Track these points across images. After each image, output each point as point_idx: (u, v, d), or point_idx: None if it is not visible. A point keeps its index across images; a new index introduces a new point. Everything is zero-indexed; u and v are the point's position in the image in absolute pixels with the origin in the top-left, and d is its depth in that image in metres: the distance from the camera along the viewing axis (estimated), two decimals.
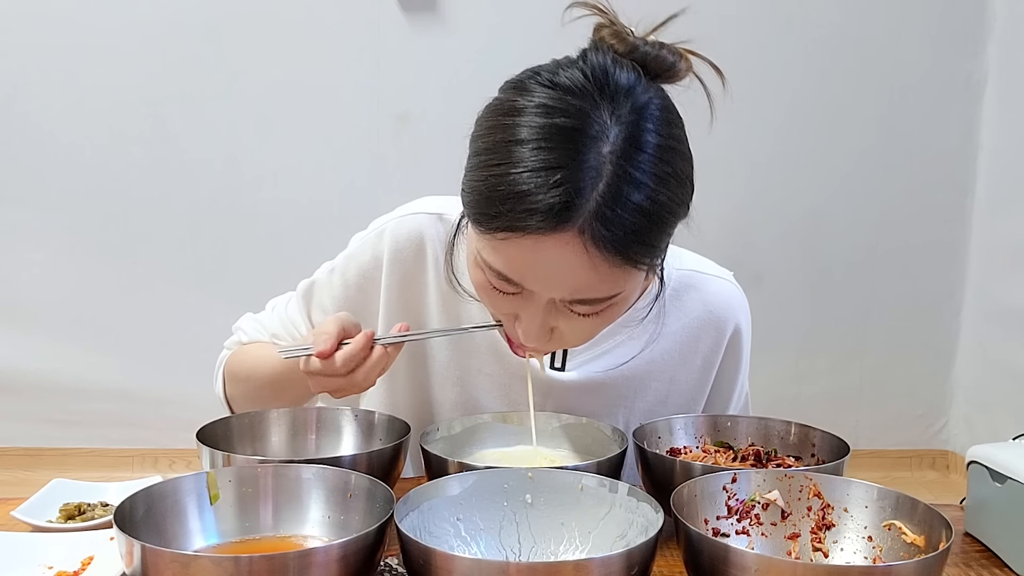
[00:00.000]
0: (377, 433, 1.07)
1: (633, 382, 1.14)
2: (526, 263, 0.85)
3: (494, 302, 0.93)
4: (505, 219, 0.82)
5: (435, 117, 2.80)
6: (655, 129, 0.85)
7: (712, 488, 0.86)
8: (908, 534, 0.80)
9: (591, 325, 0.92)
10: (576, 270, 0.83)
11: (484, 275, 0.90)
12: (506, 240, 0.83)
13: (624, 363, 1.13)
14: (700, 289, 1.15)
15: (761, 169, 3.14)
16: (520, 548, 0.84)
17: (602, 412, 1.13)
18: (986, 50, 3.11)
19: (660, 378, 1.15)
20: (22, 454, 3.07)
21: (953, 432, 3.33)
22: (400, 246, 1.11)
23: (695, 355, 1.16)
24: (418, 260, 1.12)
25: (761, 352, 1.27)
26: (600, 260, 0.82)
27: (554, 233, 0.81)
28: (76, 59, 2.94)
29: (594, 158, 0.80)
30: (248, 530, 0.84)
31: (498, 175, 0.82)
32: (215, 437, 1.00)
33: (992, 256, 3.14)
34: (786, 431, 1.07)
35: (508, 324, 0.94)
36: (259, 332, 1.23)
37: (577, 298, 0.87)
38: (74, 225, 3.03)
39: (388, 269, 1.12)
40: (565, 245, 0.82)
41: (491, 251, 0.86)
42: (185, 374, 3.00)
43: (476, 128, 0.88)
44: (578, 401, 1.13)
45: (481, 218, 0.85)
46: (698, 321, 1.15)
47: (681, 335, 1.14)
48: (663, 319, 1.12)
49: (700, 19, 0.99)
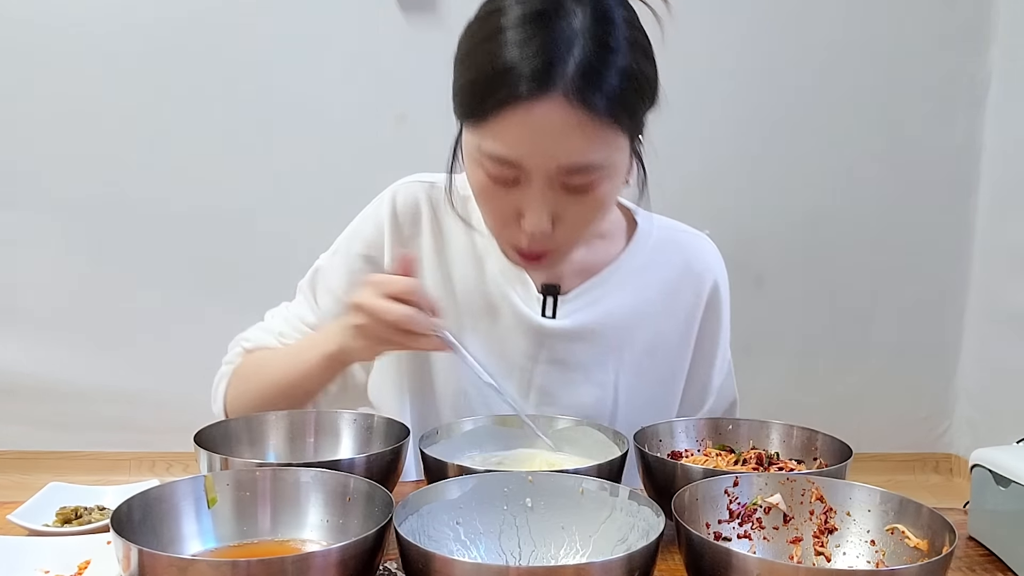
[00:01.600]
0: (376, 436, 1.06)
1: (620, 331, 1.19)
2: (521, 135, 0.94)
3: (496, 204, 1.01)
4: (496, 95, 0.93)
5: (434, 117, 2.75)
6: (619, 6, 0.98)
7: (714, 492, 0.86)
8: (911, 538, 0.80)
9: (586, 211, 1.01)
10: (566, 132, 0.93)
11: (484, 173, 0.99)
12: (500, 118, 0.94)
13: (611, 312, 1.19)
14: (679, 244, 1.24)
15: (763, 170, 3.14)
16: (520, 552, 0.84)
17: (592, 363, 1.19)
18: (989, 51, 3.11)
19: (646, 328, 1.20)
20: (18, 457, 3.06)
21: (956, 435, 3.32)
22: (399, 210, 1.19)
23: (677, 307, 1.22)
24: (415, 223, 1.20)
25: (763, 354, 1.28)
26: (586, 119, 0.93)
27: (542, 98, 0.92)
28: (74, 61, 2.94)
29: (568, 29, 0.93)
30: (246, 534, 0.84)
31: (485, 61, 0.94)
32: (213, 440, 1.00)
33: (996, 258, 3.14)
34: (788, 434, 1.07)
35: (512, 231, 1.02)
36: (264, 336, 1.23)
37: (570, 163, 0.95)
38: (71, 228, 3.03)
39: (390, 234, 1.19)
40: (553, 109, 0.92)
41: (489, 138, 0.96)
42: (182, 377, 2.98)
43: (461, 38, 1.01)
44: (569, 351, 1.18)
45: (475, 105, 0.96)
46: (678, 273, 1.22)
47: (663, 287, 1.21)
48: (651, 243, 1.21)
49: (701, 19, 0.99)
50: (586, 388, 1.19)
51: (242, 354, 1.24)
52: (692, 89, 2.96)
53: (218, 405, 1.24)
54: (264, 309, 1.32)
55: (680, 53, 1.35)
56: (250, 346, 1.23)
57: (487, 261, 1.18)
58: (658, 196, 1.40)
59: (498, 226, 1.05)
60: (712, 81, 2.99)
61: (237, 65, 2.97)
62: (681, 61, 1.41)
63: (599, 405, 1.20)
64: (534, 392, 1.19)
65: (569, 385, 1.19)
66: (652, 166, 1.10)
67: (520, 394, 1.18)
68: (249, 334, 1.25)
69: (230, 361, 1.25)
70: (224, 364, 1.26)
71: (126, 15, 2.93)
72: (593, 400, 1.20)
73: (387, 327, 1.00)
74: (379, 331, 1.01)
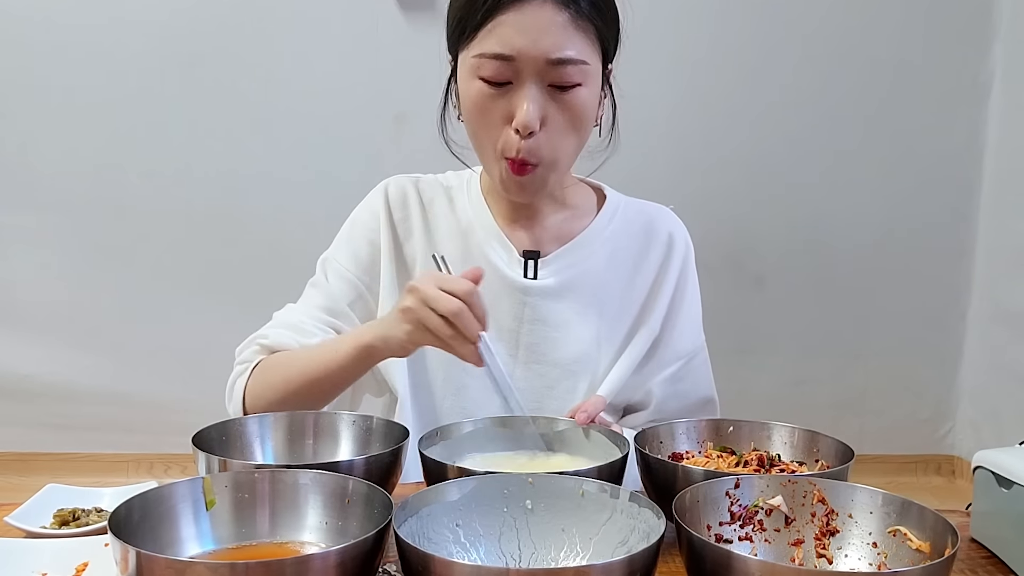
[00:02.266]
0: (375, 438, 1.06)
1: (597, 289, 1.29)
2: (514, 32, 1.09)
3: (489, 113, 1.13)
4: (489, 3, 1.09)
5: (433, 117, 2.77)
6: None
7: (715, 494, 0.85)
8: (913, 540, 0.80)
9: (568, 119, 1.14)
10: (553, 29, 1.09)
11: (479, 82, 1.12)
12: (495, 21, 1.10)
13: (587, 271, 1.29)
14: (645, 212, 1.36)
15: (764, 169, 3.13)
16: (520, 554, 0.83)
17: (574, 319, 1.27)
18: (992, 49, 3.09)
19: (618, 286, 1.30)
20: (15, 459, 3.04)
21: (959, 437, 3.31)
22: (391, 197, 1.31)
23: (647, 267, 1.32)
24: (405, 207, 1.31)
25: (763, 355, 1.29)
26: (569, 19, 1.10)
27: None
28: (71, 61, 2.93)
29: None
30: (244, 536, 0.84)
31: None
32: (211, 442, 0.99)
33: (999, 258, 3.12)
34: (790, 436, 1.06)
35: (504, 138, 1.14)
36: (282, 332, 1.23)
37: (557, 56, 1.10)
38: (69, 228, 3.01)
39: (385, 218, 1.30)
40: (541, 8, 1.09)
41: (485, 42, 1.11)
42: (181, 378, 3.00)
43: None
44: (551, 309, 1.27)
45: (471, 17, 1.11)
46: (645, 236, 1.33)
47: (632, 247, 1.32)
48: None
49: (702, 19, 0.99)
50: (571, 344, 1.26)
51: (259, 351, 1.24)
52: (692, 89, 2.96)
53: (235, 403, 1.23)
54: (262, 310, 1.32)
55: (681, 54, 1.35)
56: (268, 343, 1.23)
57: (471, 235, 1.29)
58: (660, 196, 1.41)
59: (491, 138, 1.15)
60: (712, 81, 2.98)
61: (235, 64, 2.96)
62: (681, 62, 1.41)
63: (584, 359, 1.27)
64: (523, 350, 1.26)
65: (554, 343, 1.26)
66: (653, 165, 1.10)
67: (509, 353, 1.26)
68: (265, 331, 1.26)
69: (246, 360, 1.24)
70: (238, 364, 1.25)
71: (124, 14, 2.92)
72: (577, 354, 1.27)
73: (435, 317, 1.02)
74: (426, 318, 1.03)
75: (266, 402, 1.19)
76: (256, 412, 1.17)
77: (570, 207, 1.31)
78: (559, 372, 1.26)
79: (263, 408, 1.18)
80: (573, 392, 1.26)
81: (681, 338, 1.33)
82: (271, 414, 1.08)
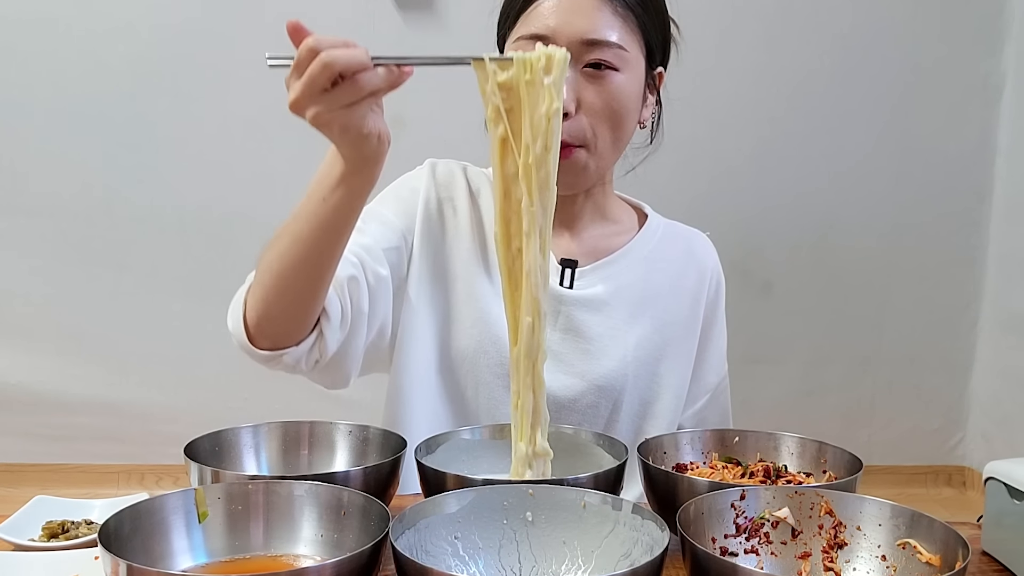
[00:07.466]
0: (372, 448, 1.05)
1: (632, 307, 1.28)
2: (550, 11, 1.14)
3: None
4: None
5: (431, 118, 2.71)
6: None
7: (720, 505, 0.85)
8: (923, 553, 0.79)
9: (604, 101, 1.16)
10: (589, 12, 1.14)
11: None
12: (533, 7, 1.15)
13: (622, 287, 1.28)
14: (684, 236, 1.38)
15: (772, 174, 3.12)
16: (520, 568, 0.83)
17: (606, 336, 1.26)
18: (1004, 50, 3.08)
19: (655, 306, 1.30)
20: (3, 470, 3.00)
21: (970, 447, 3.29)
22: (439, 174, 1.31)
23: (683, 291, 1.33)
24: (452, 187, 1.30)
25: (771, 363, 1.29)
26: (607, 3, 1.14)
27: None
28: (62, 62, 2.91)
29: None
30: (238, 549, 0.83)
31: None
32: (203, 452, 0.98)
33: (1010, 264, 3.10)
34: (796, 446, 1.05)
35: None
36: None
37: (593, 37, 1.13)
38: (58, 232, 2.98)
39: (424, 194, 1.28)
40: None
41: (525, 24, 1.16)
42: (172, 387, 2.97)
43: None
44: (584, 321, 1.25)
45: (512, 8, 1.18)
46: (684, 260, 1.35)
47: (671, 269, 1.33)
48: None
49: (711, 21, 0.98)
50: (601, 360, 1.25)
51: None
52: (700, 92, 2.95)
53: (236, 315, 1.11)
54: None
55: (689, 56, 1.35)
56: None
57: None
58: (667, 200, 1.40)
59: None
60: (721, 84, 2.98)
61: (230, 65, 2.92)
62: (690, 64, 1.41)
63: (612, 376, 1.25)
64: (552, 359, 1.18)
65: (584, 355, 1.25)
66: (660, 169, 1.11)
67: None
68: None
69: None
70: (246, 283, 1.16)
71: (117, 16, 2.90)
72: (607, 371, 1.25)
73: (325, 67, 0.94)
74: (317, 73, 0.95)
75: (265, 301, 1.07)
76: (257, 313, 1.07)
77: (611, 221, 1.32)
78: (584, 386, 1.24)
79: (264, 308, 1.08)
80: (595, 409, 1.24)
81: (710, 372, 1.36)
82: (264, 424, 1.06)
